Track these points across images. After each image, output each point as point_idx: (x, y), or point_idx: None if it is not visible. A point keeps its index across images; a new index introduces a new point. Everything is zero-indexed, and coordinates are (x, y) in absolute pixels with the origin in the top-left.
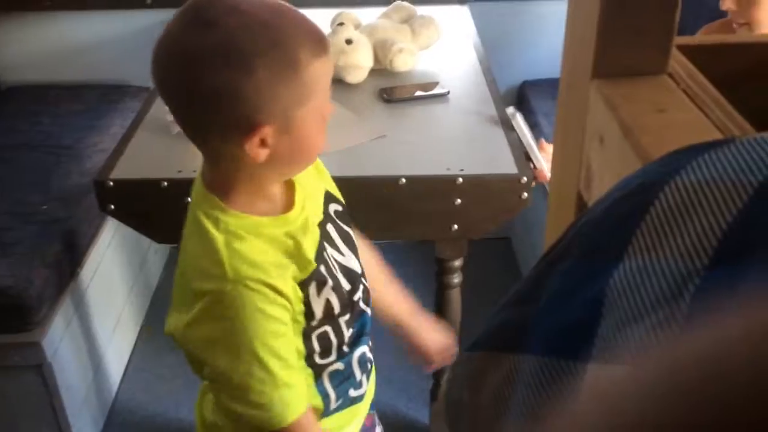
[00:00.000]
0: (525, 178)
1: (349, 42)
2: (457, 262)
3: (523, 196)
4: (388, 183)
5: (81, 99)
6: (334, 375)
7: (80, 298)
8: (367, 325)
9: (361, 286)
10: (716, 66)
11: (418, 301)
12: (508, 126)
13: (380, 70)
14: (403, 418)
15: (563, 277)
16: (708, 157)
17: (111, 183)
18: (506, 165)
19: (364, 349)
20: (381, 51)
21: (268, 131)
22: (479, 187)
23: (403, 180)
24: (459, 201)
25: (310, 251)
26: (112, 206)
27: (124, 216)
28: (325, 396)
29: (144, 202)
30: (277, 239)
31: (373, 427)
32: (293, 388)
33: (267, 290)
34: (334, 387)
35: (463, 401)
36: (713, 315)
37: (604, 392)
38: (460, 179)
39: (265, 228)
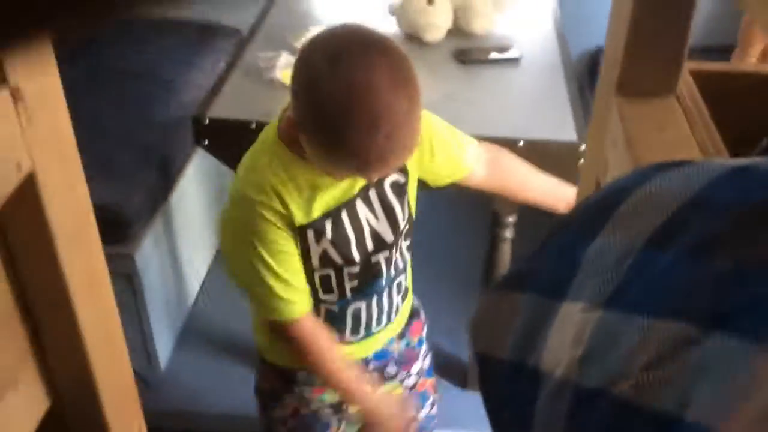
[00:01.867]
0: (584, 146)
1: (430, 2)
2: (511, 218)
3: (580, 163)
4: None
5: (179, 34)
6: (327, 313)
7: (169, 220)
8: (377, 287)
9: (387, 252)
10: (719, 85)
11: (471, 252)
12: (574, 94)
13: (457, 30)
14: (444, 357)
15: (561, 243)
16: (667, 173)
17: (207, 120)
18: (567, 132)
19: (361, 305)
20: (461, 13)
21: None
22: (539, 151)
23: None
24: None
25: (324, 203)
26: (206, 141)
27: (216, 150)
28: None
29: (233, 140)
30: (296, 179)
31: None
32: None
33: (265, 211)
34: (327, 323)
35: (481, 322)
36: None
37: (568, 317)
38: (522, 142)
39: (296, 166)
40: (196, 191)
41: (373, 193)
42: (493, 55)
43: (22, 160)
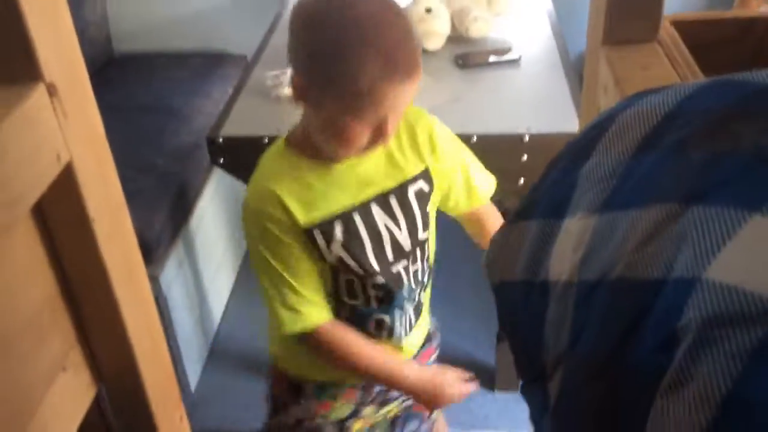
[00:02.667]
0: None
1: (428, 11)
2: None
3: None
4: (462, 141)
5: (186, 66)
6: (351, 311)
7: (190, 243)
8: (401, 298)
9: (405, 262)
10: (700, 35)
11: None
12: (575, 88)
13: (457, 37)
14: (471, 362)
15: (559, 170)
16: (647, 97)
17: (221, 139)
18: (571, 125)
19: (382, 316)
20: (458, 19)
21: (304, 85)
22: (544, 144)
23: (475, 138)
24: (526, 157)
25: (333, 205)
26: (222, 160)
27: (232, 168)
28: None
29: (248, 156)
30: (303, 178)
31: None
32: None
33: (268, 222)
34: (351, 325)
35: (494, 255)
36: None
37: (569, 229)
38: (527, 137)
39: (302, 167)
40: (214, 213)
41: (393, 200)
42: (493, 58)
43: (61, 151)
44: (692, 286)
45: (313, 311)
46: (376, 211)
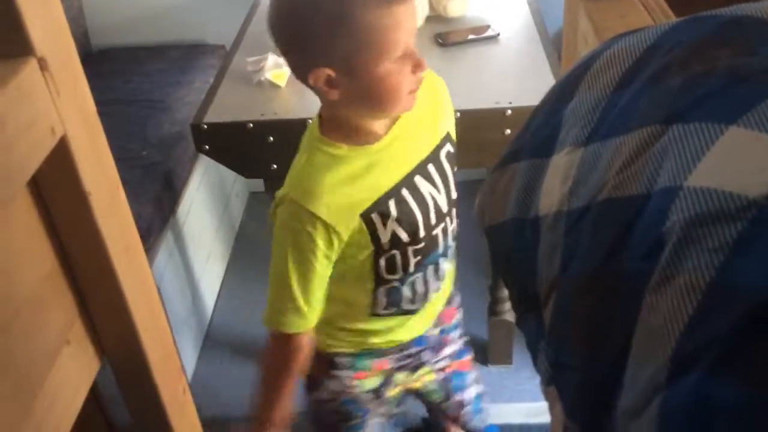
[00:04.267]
0: None
1: None
2: None
3: None
4: None
5: (164, 58)
6: (390, 290)
7: (178, 232)
8: (434, 257)
9: (443, 224)
10: None
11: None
12: (554, 62)
13: (435, 16)
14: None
15: (544, 113)
16: (627, 37)
17: (205, 126)
18: None
19: (418, 276)
20: None
21: (330, 73)
22: (527, 118)
23: (458, 114)
24: (509, 131)
25: (384, 182)
26: (207, 146)
27: (217, 154)
28: (374, 301)
29: (233, 141)
30: (349, 165)
31: (456, 326)
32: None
33: (311, 227)
34: (387, 297)
35: (485, 200)
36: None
37: (557, 164)
38: (509, 111)
39: (344, 156)
40: (201, 202)
41: (432, 168)
42: (472, 35)
43: (55, 124)
44: (675, 193)
45: (313, 318)
46: (419, 181)
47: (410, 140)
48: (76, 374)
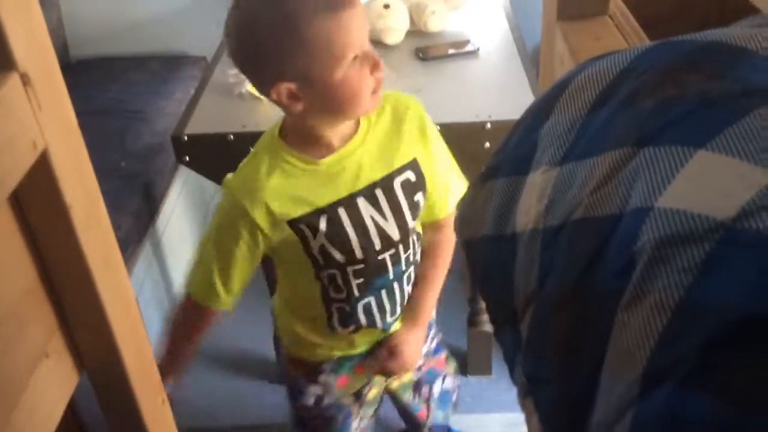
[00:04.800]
0: None
1: (386, 7)
2: None
3: None
4: None
5: (145, 68)
6: (341, 310)
7: (157, 243)
8: (384, 282)
9: (393, 250)
10: (647, 9)
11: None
12: (533, 78)
13: (416, 31)
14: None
15: (520, 132)
16: (601, 59)
17: (186, 137)
18: None
19: (370, 299)
20: (416, 13)
21: (290, 87)
22: (506, 131)
23: (438, 128)
24: (488, 144)
25: (319, 198)
26: (187, 158)
27: (197, 166)
28: (330, 320)
29: (214, 153)
30: (292, 174)
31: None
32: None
33: (236, 207)
34: (339, 316)
35: (464, 215)
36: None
37: (533, 183)
38: (489, 125)
39: (293, 167)
40: (181, 213)
41: (380, 192)
42: (452, 50)
43: (37, 139)
44: (646, 214)
45: (229, 300)
46: (361, 203)
47: (363, 160)
48: (55, 387)
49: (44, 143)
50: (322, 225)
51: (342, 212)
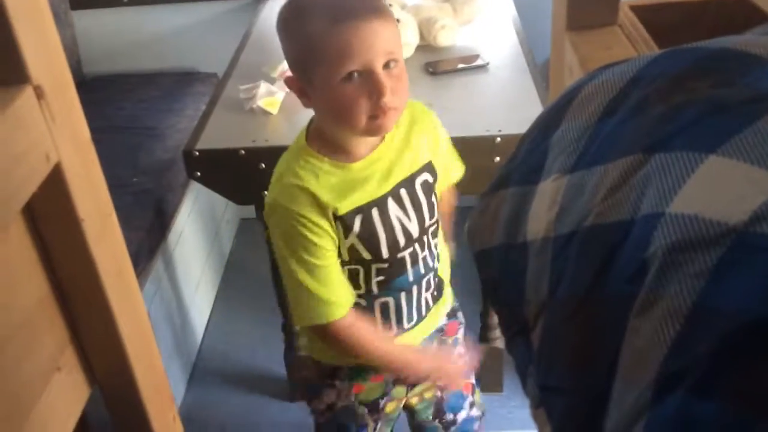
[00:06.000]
0: None
1: (397, 21)
2: None
3: None
4: None
5: (157, 85)
6: (356, 305)
7: (168, 260)
8: (402, 283)
9: (412, 249)
10: (657, 18)
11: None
12: (543, 91)
13: (425, 45)
14: None
15: (531, 141)
16: (611, 68)
17: (197, 153)
18: None
19: (388, 300)
20: (425, 28)
21: (296, 80)
22: (515, 145)
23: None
24: (498, 158)
25: (354, 200)
26: (198, 173)
27: (209, 181)
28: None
29: (225, 168)
30: (325, 177)
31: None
32: (324, 296)
33: (299, 216)
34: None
35: (475, 225)
36: (594, 144)
37: (544, 191)
38: (499, 139)
39: (325, 170)
40: (192, 229)
41: (404, 192)
42: (461, 64)
43: (50, 151)
44: (657, 220)
45: (345, 299)
46: (390, 204)
47: (390, 163)
48: (66, 401)
49: (57, 156)
50: (356, 225)
51: (375, 213)
